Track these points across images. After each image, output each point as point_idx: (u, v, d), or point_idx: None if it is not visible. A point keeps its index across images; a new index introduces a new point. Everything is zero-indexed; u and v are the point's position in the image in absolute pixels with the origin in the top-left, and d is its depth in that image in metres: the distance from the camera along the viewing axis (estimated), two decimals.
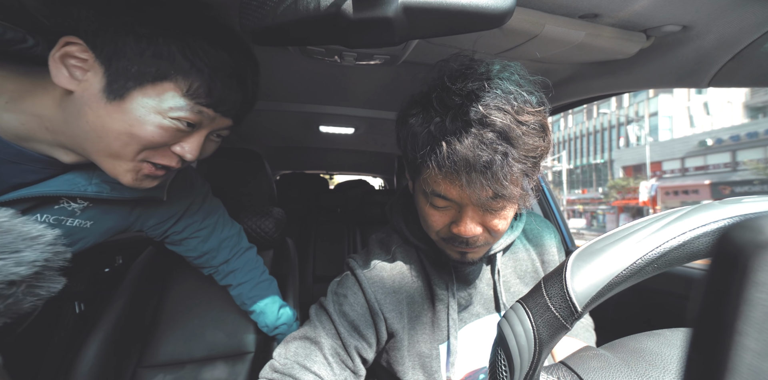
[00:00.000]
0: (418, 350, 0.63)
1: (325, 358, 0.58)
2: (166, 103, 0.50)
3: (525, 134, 0.48)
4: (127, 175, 0.55)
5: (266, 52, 0.84)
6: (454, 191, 0.51)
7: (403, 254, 0.68)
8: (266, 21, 0.37)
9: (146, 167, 0.56)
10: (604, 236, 0.31)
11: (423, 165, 0.52)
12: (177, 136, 0.54)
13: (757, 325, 0.15)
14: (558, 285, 0.29)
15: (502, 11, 0.36)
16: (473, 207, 0.53)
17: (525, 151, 0.48)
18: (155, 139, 0.52)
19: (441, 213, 0.56)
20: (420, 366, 0.63)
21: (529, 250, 0.75)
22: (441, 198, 0.53)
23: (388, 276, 0.65)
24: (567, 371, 0.33)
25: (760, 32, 0.57)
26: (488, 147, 0.46)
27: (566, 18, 0.60)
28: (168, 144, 0.55)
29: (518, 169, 0.48)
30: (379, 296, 0.63)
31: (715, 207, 0.29)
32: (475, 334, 0.67)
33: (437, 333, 0.64)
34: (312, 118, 1.39)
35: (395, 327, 0.63)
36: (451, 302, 0.64)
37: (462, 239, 0.56)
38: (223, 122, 0.58)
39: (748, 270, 0.16)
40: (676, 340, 0.35)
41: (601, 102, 33.79)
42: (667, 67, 0.72)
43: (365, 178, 3.32)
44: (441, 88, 0.50)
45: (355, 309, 0.62)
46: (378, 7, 0.34)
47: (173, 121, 0.51)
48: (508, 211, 0.55)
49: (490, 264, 0.71)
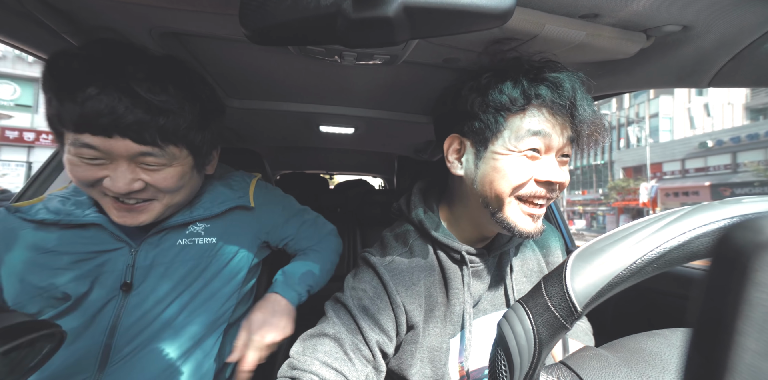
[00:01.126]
0: (429, 343, 0.64)
1: (346, 354, 0.56)
2: (69, 142, 0.55)
3: None
4: (111, 211, 0.61)
5: (266, 52, 0.84)
6: (549, 123, 0.57)
7: (420, 248, 0.68)
8: (266, 21, 0.37)
9: (110, 202, 0.60)
10: (604, 236, 0.31)
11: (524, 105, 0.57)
12: (94, 169, 0.57)
13: (757, 325, 0.15)
14: (558, 285, 0.29)
15: (502, 11, 0.36)
16: (556, 151, 0.59)
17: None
18: (77, 176, 0.57)
19: (523, 161, 0.58)
20: (428, 360, 0.64)
21: (536, 251, 0.78)
22: (537, 135, 0.57)
23: (407, 269, 0.65)
24: (567, 371, 0.33)
25: (760, 32, 0.57)
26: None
27: (566, 18, 0.60)
28: (96, 178, 0.57)
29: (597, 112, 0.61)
30: (399, 288, 0.62)
31: (714, 207, 0.29)
32: (481, 330, 0.68)
33: (448, 327, 0.65)
34: (312, 118, 1.39)
35: (415, 320, 0.62)
36: (467, 296, 0.64)
37: (546, 189, 0.58)
38: (127, 147, 0.55)
39: (748, 270, 0.16)
40: (676, 340, 0.35)
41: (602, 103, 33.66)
42: (667, 67, 0.72)
43: (365, 177, 3.32)
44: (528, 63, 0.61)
45: (375, 303, 0.61)
46: (378, 7, 0.34)
47: (75, 156, 0.56)
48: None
49: (501, 261, 0.72)
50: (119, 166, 0.57)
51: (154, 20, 0.68)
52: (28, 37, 0.71)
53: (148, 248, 0.67)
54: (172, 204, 0.66)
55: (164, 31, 0.72)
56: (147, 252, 0.66)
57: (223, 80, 1.05)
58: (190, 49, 0.84)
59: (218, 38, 0.76)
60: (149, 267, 0.66)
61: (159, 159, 0.59)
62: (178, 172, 0.62)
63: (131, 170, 0.58)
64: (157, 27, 0.70)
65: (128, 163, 0.57)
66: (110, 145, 0.55)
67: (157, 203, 0.63)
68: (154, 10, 0.65)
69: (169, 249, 0.69)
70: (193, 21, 0.69)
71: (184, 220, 0.70)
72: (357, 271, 0.68)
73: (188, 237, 0.70)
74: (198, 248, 0.71)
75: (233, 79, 1.04)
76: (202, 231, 0.72)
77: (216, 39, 0.77)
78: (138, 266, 0.65)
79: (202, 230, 0.73)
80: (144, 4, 0.62)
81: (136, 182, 0.58)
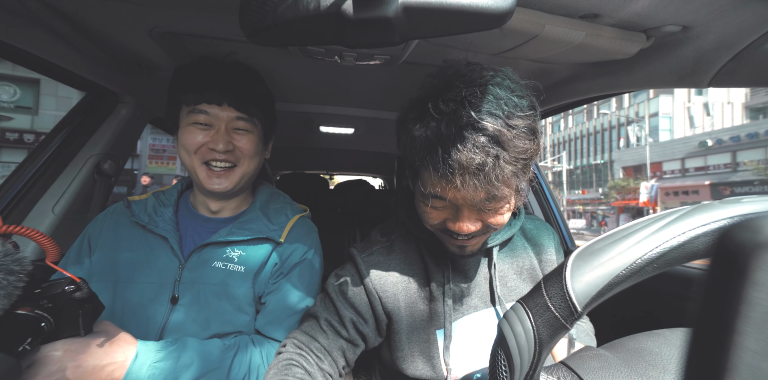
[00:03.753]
0: (417, 336, 0.68)
1: (320, 327, 0.67)
2: (187, 112, 0.77)
3: (515, 137, 0.51)
4: (204, 177, 0.77)
5: (266, 52, 0.84)
6: (450, 193, 0.54)
7: (402, 242, 0.74)
8: (266, 21, 0.37)
9: (205, 169, 0.77)
10: (604, 236, 0.31)
11: (421, 167, 0.57)
12: (203, 134, 0.76)
13: (756, 325, 0.15)
14: (558, 285, 0.29)
15: (502, 11, 0.36)
16: (468, 207, 0.56)
17: (516, 153, 0.51)
18: (190, 142, 0.75)
19: (438, 211, 0.60)
20: (419, 353, 0.68)
21: (527, 249, 0.78)
22: (438, 199, 0.57)
23: (383, 260, 0.71)
24: (567, 371, 0.33)
25: (760, 32, 0.57)
26: (481, 150, 0.49)
27: (566, 18, 0.60)
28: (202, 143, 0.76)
29: (509, 170, 0.51)
30: (373, 277, 0.69)
31: (714, 207, 0.29)
32: (473, 327, 0.69)
33: (434, 320, 0.68)
34: (312, 118, 1.39)
35: (389, 306, 0.68)
36: (447, 290, 0.68)
37: (457, 233, 0.59)
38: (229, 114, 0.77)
39: (747, 270, 0.16)
40: (676, 340, 0.35)
41: (602, 102, 33.77)
42: (667, 67, 0.72)
43: (365, 178, 3.32)
44: (436, 94, 0.53)
45: (351, 288, 0.70)
46: (378, 7, 0.34)
47: (191, 125, 0.76)
48: (504, 208, 0.58)
49: (488, 258, 0.73)
50: (220, 129, 0.75)
51: (154, 20, 0.68)
52: (28, 37, 0.71)
53: (191, 267, 0.74)
54: (245, 173, 0.80)
55: (164, 31, 0.72)
56: (191, 270, 0.74)
57: None
58: (190, 49, 0.84)
59: (218, 38, 0.76)
60: (191, 284, 0.73)
61: (247, 124, 0.78)
62: (255, 139, 0.80)
63: (227, 133, 0.76)
64: (157, 27, 0.71)
65: (225, 128, 0.76)
66: (218, 112, 0.75)
67: (238, 169, 0.78)
68: (154, 10, 0.65)
69: (206, 268, 0.74)
70: (193, 21, 0.69)
71: (221, 239, 0.76)
72: (342, 265, 0.76)
73: (223, 261, 0.76)
74: (228, 273, 0.75)
75: None
76: (236, 258, 0.76)
77: (216, 39, 0.77)
78: (183, 282, 0.73)
79: (236, 257, 0.77)
80: (144, 4, 0.62)
81: (229, 144, 0.76)
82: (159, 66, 0.89)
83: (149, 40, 0.75)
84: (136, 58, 0.85)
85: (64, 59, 0.81)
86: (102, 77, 0.92)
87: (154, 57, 0.84)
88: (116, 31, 0.72)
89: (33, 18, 0.62)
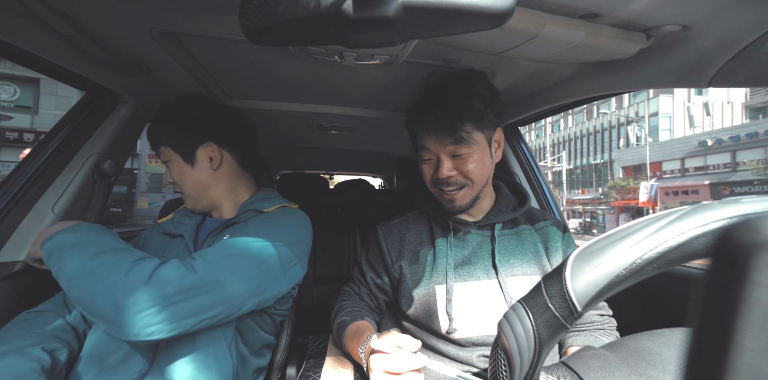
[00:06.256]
0: (420, 289, 0.81)
1: (356, 281, 0.94)
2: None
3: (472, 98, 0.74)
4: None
5: (266, 52, 0.84)
6: (430, 141, 0.78)
7: (415, 217, 0.95)
8: (266, 21, 0.37)
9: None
10: (604, 236, 0.31)
11: (418, 131, 0.81)
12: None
13: (756, 324, 0.15)
14: (558, 284, 0.29)
15: (502, 11, 0.36)
16: (444, 155, 0.78)
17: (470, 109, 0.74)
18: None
19: (428, 165, 0.82)
20: (419, 303, 0.81)
21: (534, 235, 0.88)
22: (426, 150, 0.80)
23: (398, 229, 0.92)
24: (567, 371, 0.33)
25: (760, 32, 0.57)
26: (448, 107, 0.75)
27: (566, 18, 0.60)
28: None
29: (467, 117, 0.74)
30: (388, 240, 0.91)
31: (714, 207, 0.29)
32: (473, 293, 0.79)
33: (435, 276, 0.82)
34: (312, 118, 1.39)
35: (400, 262, 0.86)
36: (449, 252, 0.83)
37: (443, 181, 0.79)
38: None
39: (747, 269, 0.16)
40: (676, 340, 0.35)
41: (601, 102, 33.74)
42: (667, 67, 0.72)
43: (365, 177, 3.32)
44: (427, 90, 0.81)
45: (372, 251, 0.94)
46: (378, 7, 0.34)
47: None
48: (476, 157, 0.77)
49: (491, 237, 0.85)
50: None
51: (154, 20, 0.68)
52: (28, 37, 0.71)
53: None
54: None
55: (164, 31, 0.72)
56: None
57: (223, 80, 1.05)
58: (190, 49, 0.84)
59: (218, 38, 0.76)
60: None
61: (163, 155, 0.88)
62: (175, 167, 0.89)
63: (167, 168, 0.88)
64: (157, 27, 0.70)
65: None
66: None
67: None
68: (154, 10, 0.65)
69: None
70: (193, 21, 0.69)
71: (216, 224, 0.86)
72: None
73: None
74: None
75: (233, 79, 1.04)
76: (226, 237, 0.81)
77: (216, 39, 0.77)
78: None
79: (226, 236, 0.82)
80: (144, 4, 0.62)
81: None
82: (159, 66, 0.89)
83: (149, 40, 0.75)
84: (136, 57, 0.85)
85: (64, 59, 0.80)
86: (102, 77, 0.92)
87: (154, 57, 0.84)
88: (116, 30, 0.72)
89: (33, 18, 0.62)
